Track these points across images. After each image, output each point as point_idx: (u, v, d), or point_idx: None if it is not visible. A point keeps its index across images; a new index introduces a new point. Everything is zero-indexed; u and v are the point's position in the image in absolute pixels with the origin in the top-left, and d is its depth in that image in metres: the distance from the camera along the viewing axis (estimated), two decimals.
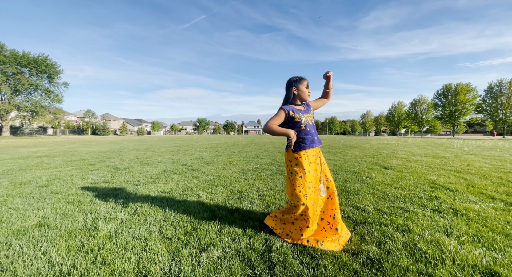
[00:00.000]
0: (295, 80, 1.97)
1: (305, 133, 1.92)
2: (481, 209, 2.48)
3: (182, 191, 3.28)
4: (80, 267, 1.46)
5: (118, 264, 1.48)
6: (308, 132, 1.93)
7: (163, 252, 1.65)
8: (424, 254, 1.59)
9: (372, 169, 5.02)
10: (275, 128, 1.87)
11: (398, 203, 2.71)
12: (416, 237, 1.84)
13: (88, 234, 1.92)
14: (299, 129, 1.92)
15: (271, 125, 1.88)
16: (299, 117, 1.91)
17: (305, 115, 1.95)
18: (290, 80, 1.98)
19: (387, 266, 1.46)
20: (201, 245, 1.75)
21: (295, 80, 1.97)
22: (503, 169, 4.89)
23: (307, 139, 1.91)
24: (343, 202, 2.76)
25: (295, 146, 1.91)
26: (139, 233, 1.94)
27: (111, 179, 4.10)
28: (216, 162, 6.11)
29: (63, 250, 1.65)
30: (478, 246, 1.69)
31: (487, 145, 13.35)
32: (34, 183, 3.73)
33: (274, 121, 1.89)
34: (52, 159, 6.75)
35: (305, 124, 1.93)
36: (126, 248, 1.70)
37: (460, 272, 1.39)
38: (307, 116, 1.95)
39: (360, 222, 2.18)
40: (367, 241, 1.80)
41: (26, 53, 33.93)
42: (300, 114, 1.93)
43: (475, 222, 2.13)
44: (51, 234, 1.89)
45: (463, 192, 3.16)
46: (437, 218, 2.23)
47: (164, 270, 1.45)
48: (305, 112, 1.96)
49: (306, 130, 1.92)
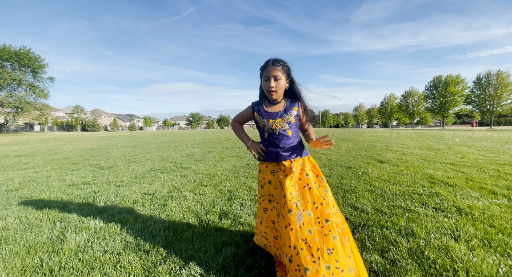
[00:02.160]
0: (261, 67, 1.44)
1: (268, 144, 1.46)
2: (484, 206, 2.34)
3: (168, 192, 3.04)
4: None
5: None
6: (271, 143, 1.44)
7: (137, 270, 1.42)
8: (433, 264, 1.41)
9: (368, 163, 4.88)
10: (235, 130, 1.61)
11: (397, 201, 2.55)
12: (422, 242, 1.67)
13: (51, 248, 1.66)
14: (262, 137, 1.51)
15: (234, 124, 1.60)
16: (262, 123, 1.45)
17: (274, 120, 1.42)
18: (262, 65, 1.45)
19: None
20: (182, 258, 1.52)
21: (262, 66, 1.43)
22: (498, 161, 4.83)
23: (268, 150, 1.46)
24: (340, 201, 2.59)
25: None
26: (112, 246, 1.70)
27: (92, 179, 3.80)
28: (207, 159, 5.86)
29: (16, 272, 1.40)
30: (490, 252, 1.53)
31: (477, 136, 13.52)
32: (3, 186, 3.40)
33: (239, 118, 1.60)
34: (32, 158, 6.34)
35: (269, 134, 1.44)
36: (94, 266, 1.46)
37: None
38: (276, 122, 1.42)
39: (359, 225, 2.00)
40: (368, 248, 1.62)
41: (7, 47, 32.23)
42: (264, 118, 1.43)
43: (481, 222, 1.98)
44: (5, 251, 1.63)
45: (463, 187, 3.03)
46: (441, 218, 2.07)
47: None
48: (276, 116, 1.42)
49: (269, 140, 1.44)
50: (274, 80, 1.37)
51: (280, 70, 1.38)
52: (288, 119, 1.43)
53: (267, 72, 1.38)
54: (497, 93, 41.63)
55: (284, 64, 1.40)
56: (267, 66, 1.38)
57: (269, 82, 1.37)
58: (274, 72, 1.36)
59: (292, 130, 1.44)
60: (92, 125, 58.25)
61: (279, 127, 1.42)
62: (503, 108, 43.00)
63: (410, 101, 58.46)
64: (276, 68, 1.36)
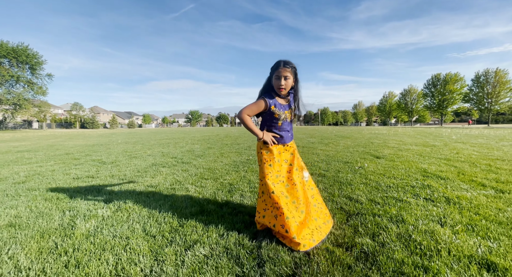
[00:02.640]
0: (272, 67, 1.70)
1: (280, 130, 1.80)
2: (472, 196, 2.47)
3: (170, 185, 3.15)
4: (50, 271, 1.32)
5: (94, 267, 1.36)
6: (282, 129, 1.81)
7: (145, 251, 1.54)
8: (419, 245, 1.53)
9: (365, 158, 5.00)
10: (248, 123, 1.70)
11: (391, 192, 2.67)
12: (410, 227, 1.79)
13: (63, 233, 1.77)
14: (275, 125, 1.79)
15: (245, 117, 1.70)
16: (279, 114, 1.75)
17: (286, 111, 1.78)
18: (273, 66, 1.70)
19: (382, 260, 1.39)
20: (187, 242, 1.64)
21: (273, 66, 1.69)
22: (491, 156, 4.97)
23: (281, 135, 1.80)
24: (336, 192, 2.70)
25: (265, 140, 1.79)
26: (120, 231, 1.81)
27: (95, 173, 3.91)
28: (208, 155, 5.97)
29: (33, 253, 1.51)
30: (472, 235, 1.66)
31: (474, 133, 13.68)
32: (10, 179, 3.50)
33: (249, 111, 1.71)
34: (34, 154, 6.43)
35: (283, 122, 1.79)
36: (105, 248, 1.57)
37: (456, 263, 1.34)
38: (287, 112, 1.79)
39: (353, 213, 2.12)
40: (360, 233, 1.73)
41: (5, 43, 31.97)
42: (281, 110, 1.75)
43: (467, 210, 2.10)
44: (21, 235, 1.74)
45: (454, 179, 3.16)
46: (430, 207, 2.20)
47: (145, 272, 1.34)
48: (286, 108, 1.79)
49: (282, 127, 1.80)
50: (284, 79, 1.65)
51: (290, 71, 1.65)
52: (293, 109, 1.84)
53: (279, 72, 1.64)
54: (495, 91, 41.82)
55: (292, 66, 1.66)
56: (279, 67, 1.63)
57: (280, 80, 1.64)
58: (284, 73, 1.63)
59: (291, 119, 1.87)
60: (91, 123, 58.08)
61: (289, 117, 1.81)
62: (501, 107, 43.23)
63: (409, 99, 58.60)
64: (286, 69, 1.63)
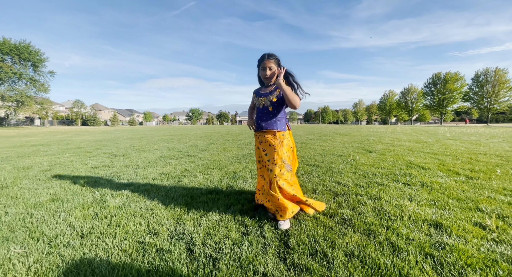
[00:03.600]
0: (258, 60, 1.92)
1: (255, 117, 2.02)
2: (444, 182, 2.85)
3: (180, 172, 3.53)
4: (98, 228, 1.71)
5: (131, 226, 1.75)
6: (256, 116, 2.00)
7: (168, 217, 1.92)
8: (387, 213, 1.92)
9: (358, 152, 5.38)
10: (249, 112, 2.18)
11: (375, 179, 3.05)
12: (384, 203, 2.17)
13: (99, 206, 2.16)
14: (255, 112, 2.04)
15: (249, 109, 2.18)
16: (253, 102, 2.05)
17: (260, 98, 1.94)
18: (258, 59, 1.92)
19: (356, 223, 1.78)
20: (201, 212, 2.02)
21: (259, 59, 1.91)
22: (475, 151, 5.34)
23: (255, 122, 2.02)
24: (327, 179, 3.09)
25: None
26: (145, 205, 2.19)
27: (110, 164, 4.29)
28: (211, 149, 6.35)
29: (80, 218, 1.90)
30: (432, 207, 2.04)
31: (469, 131, 14.04)
32: (36, 167, 3.89)
33: (250, 104, 2.15)
34: (48, 147, 6.82)
35: (257, 108, 1.98)
36: (136, 215, 1.96)
37: (412, 224, 1.72)
38: (261, 99, 1.92)
39: (339, 193, 2.50)
40: (343, 207, 2.12)
41: (7, 40, 32.28)
42: (257, 97, 1.97)
43: (436, 191, 2.48)
44: (66, 206, 2.13)
45: (434, 169, 3.54)
46: (405, 189, 2.58)
47: (171, 230, 1.72)
48: (264, 95, 1.91)
49: (257, 114, 1.99)
50: (269, 69, 1.86)
51: (273, 62, 1.86)
52: (270, 98, 1.87)
53: (264, 64, 1.86)
54: (495, 90, 42.07)
55: (275, 58, 1.87)
56: (263, 60, 1.86)
57: (265, 71, 1.86)
58: (268, 64, 1.85)
59: (272, 107, 1.88)
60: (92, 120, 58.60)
61: (262, 104, 1.91)
62: (501, 106, 43.50)
63: (409, 98, 58.86)
64: (270, 61, 1.85)
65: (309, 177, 3.20)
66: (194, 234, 1.63)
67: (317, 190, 2.61)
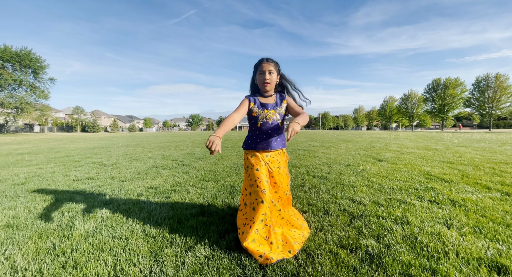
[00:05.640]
0: (255, 65, 1.63)
1: (260, 132, 1.62)
2: (478, 199, 2.43)
3: (171, 186, 3.12)
4: (47, 272, 1.29)
5: (92, 268, 1.32)
6: (263, 131, 1.61)
7: (144, 252, 1.50)
8: (425, 247, 1.49)
9: (366, 161, 4.96)
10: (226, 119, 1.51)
11: (394, 194, 2.63)
12: (416, 229, 1.75)
13: (62, 234, 1.74)
14: (254, 126, 1.65)
15: (229, 116, 1.54)
16: (257, 113, 1.61)
17: (266, 111, 1.60)
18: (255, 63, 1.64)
19: (388, 262, 1.35)
20: (187, 243, 1.60)
21: (255, 64, 1.63)
22: (494, 160, 4.92)
23: (258, 138, 1.62)
24: (338, 194, 2.66)
25: (245, 141, 1.69)
26: (119, 232, 1.77)
27: (95, 175, 3.88)
28: (208, 157, 5.94)
29: (30, 253, 1.47)
30: (480, 237, 1.61)
31: (476, 138, 13.62)
32: (9, 181, 3.47)
33: (235, 112, 1.56)
34: (34, 156, 6.42)
35: (262, 122, 1.60)
36: (104, 249, 1.54)
37: (465, 266, 1.29)
38: (267, 111, 1.60)
39: (357, 215, 2.08)
40: (365, 235, 1.69)
41: (8, 47, 32.37)
42: (260, 109, 1.61)
43: (474, 213, 2.06)
44: (19, 236, 1.70)
45: (458, 182, 3.11)
46: (435, 209, 2.15)
47: (145, 273, 1.30)
48: (268, 107, 1.61)
49: (261, 129, 1.61)
50: (269, 73, 1.57)
51: (273, 66, 1.59)
52: (280, 111, 1.64)
53: (262, 67, 1.57)
54: (496, 96, 41.83)
55: (275, 62, 1.62)
56: (262, 63, 1.58)
57: (264, 75, 1.57)
58: (268, 67, 1.57)
59: (282, 121, 1.65)
60: (92, 126, 58.26)
61: (272, 117, 1.61)
62: (502, 111, 43.19)
63: (409, 104, 58.66)
64: (270, 64, 1.58)
65: (318, 192, 2.77)
66: None
67: (329, 210, 2.19)
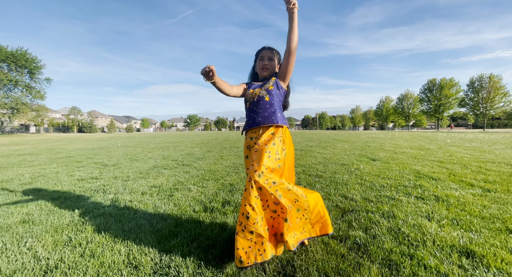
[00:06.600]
0: (256, 52, 1.71)
1: (248, 111, 1.65)
2: (460, 195, 2.61)
3: (173, 185, 3.26)
4: (67, 260, 1.43)
5: (108, 256, 1.47)
6: (249, 109, 1.63)
7: (153, 243, 1.65)
8: (407, 237, 1.67)
9: (361, 161, 5.15)
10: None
11: (384, 191, 2.81)
12: (400, 222, 1.93)
13: (75, 228, 1.88)
14: (246, 109, 1.68)
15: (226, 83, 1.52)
16: (247, 95, 1.64)
17: (254, 90, 1.60)
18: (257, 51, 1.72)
19: (373, 249, 1.52)
20: (192, 235, 1.75)
21: (257, 51, 1.71)
22: (482, 159, 5.14)
23: (248, 117, 1.64)
24: (332, 192, 2.84)
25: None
26: (128, 227, 1.92)
27: (99, 175, 4.01)
28: (207, 157, 6.08)
29: (49, 245, 1.62)
30: (456, 228, 1.79)
31: (468, 137, 13.94)
32: (16, 180, 3.59)
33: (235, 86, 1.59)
34: (36, 157, 6.50)
35: (250, 101, 1.61)
36: (116, 241, 1.69)
37: (439, 252, 1.47)
38: (256, 90, 1.59)
39: (348, 210, 2.25)
40: (354, 227, 1.86)
41: (4, 47, 32.11)
42: (250, 89, 1.63)
43: (454, 207, 2.24)
44: (36, 230, 1.84)
45: (445, 180, 3.31)
46: (420, 205, 2.33)
47: (155, 261, 1.45)
48: (257, 87, 1.62)
49: (250, 108, 1.62)
50: (268, 60, 1.65)
51: (274, 53, 1.67)
52: (266, 86, 1.57)
53: (263, 53, 1.66)
54: (490, 96, 42.52)
55: (276, 51, 1.71)
56: (263, 50, 1.68)
57: (263, 61, 1.65)
58: (268, 54, 1.66)
59: (269, 96, 1.55)
60: (89, 127, 57.94)
61: (257, 95, 1.57)
62: (496, 111, 43.91)
63: (406, 104, 59.31)
64: (271, 51, 1.67)
65: (313, 189, 2.94)
66: (182, 268, 1.36)
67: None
